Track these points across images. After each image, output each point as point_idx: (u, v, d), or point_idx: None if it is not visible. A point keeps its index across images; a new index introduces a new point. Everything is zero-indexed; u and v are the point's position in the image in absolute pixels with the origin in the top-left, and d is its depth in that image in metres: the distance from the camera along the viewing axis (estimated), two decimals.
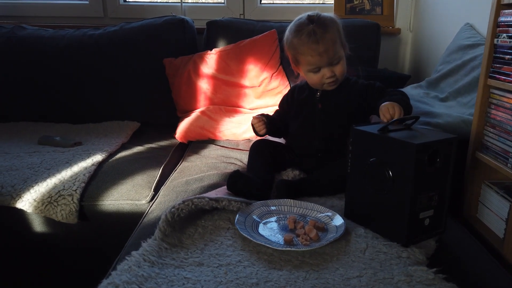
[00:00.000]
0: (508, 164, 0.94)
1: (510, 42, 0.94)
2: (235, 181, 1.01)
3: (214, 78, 1.70)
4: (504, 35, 0.96)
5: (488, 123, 1.03)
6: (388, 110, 0.96)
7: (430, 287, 0.69)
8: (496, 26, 0.99)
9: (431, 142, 0.80)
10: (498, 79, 0.98)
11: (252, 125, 1.22)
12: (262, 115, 1.22)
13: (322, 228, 0.89)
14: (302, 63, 1.15)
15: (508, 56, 0.95)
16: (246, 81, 1.69)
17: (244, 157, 1.36)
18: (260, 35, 1.72)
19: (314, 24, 1.10)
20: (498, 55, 0.99)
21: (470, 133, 1.09)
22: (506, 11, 0.96)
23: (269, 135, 1.26)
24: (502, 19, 0.97)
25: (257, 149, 1.19)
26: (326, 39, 1.09)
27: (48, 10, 2.15)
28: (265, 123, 1.19)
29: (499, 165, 0.97)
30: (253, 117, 1.20)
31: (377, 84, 1.17)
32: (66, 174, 1.24)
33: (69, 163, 1.30)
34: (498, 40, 0.98)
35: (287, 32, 1.17)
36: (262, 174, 1.10)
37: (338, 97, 1.16)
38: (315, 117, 1.17)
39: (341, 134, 1.10)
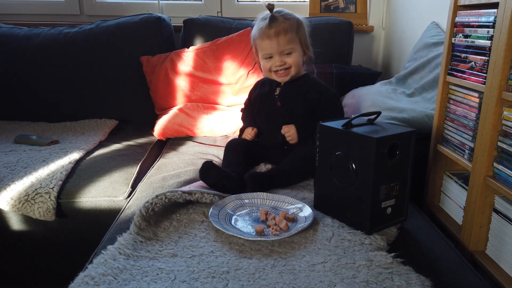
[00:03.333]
0: (465, 156, 1.01)
1: (465, 41, 1.00)
2: (206, 171, 1.05)
3: (191, 75, 1.73)
4: (460, 34, 1.02)
5: (448, 117, 1.10)
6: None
7: (388, 270, 0.74)
8: (454, 26, 1.05)
9: (391, 135, 0.85)
10: (456, 76, 1.04)
11: (243, 131, 1.31)
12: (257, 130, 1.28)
13: (292, 219, 0.93)
14: (258, 50, 1.21)
15: (464, 55, 1.01)
16: (223, 79, 1.72)
17: (221, 153, 1.39)
18: (236, 33, 1.75)
19: (273, 12, 1.17)
20: (455, 54, 1.05)
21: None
22: (462, 12, 1.02)
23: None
24: (458, 19, 1.03)
25: (232, 147, 1.24)
26: (279, 25, 1.15)
27: (23, 8, 2.13)
28: (254, 137, 1.28)
29: (457, 157, 1.03)
30: (252, 130, 1.27)
31: (331, 96, 1.22)
32: (43, 172, 1.25)
33: (46, 162, 1.31)
34: (455, 39, 1.04)
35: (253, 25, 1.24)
36: (235, 168, 1.14)
37: (296, 96, 1.22)
38: (276, 114, 1.22)
39: (302, 126, 1.18)
